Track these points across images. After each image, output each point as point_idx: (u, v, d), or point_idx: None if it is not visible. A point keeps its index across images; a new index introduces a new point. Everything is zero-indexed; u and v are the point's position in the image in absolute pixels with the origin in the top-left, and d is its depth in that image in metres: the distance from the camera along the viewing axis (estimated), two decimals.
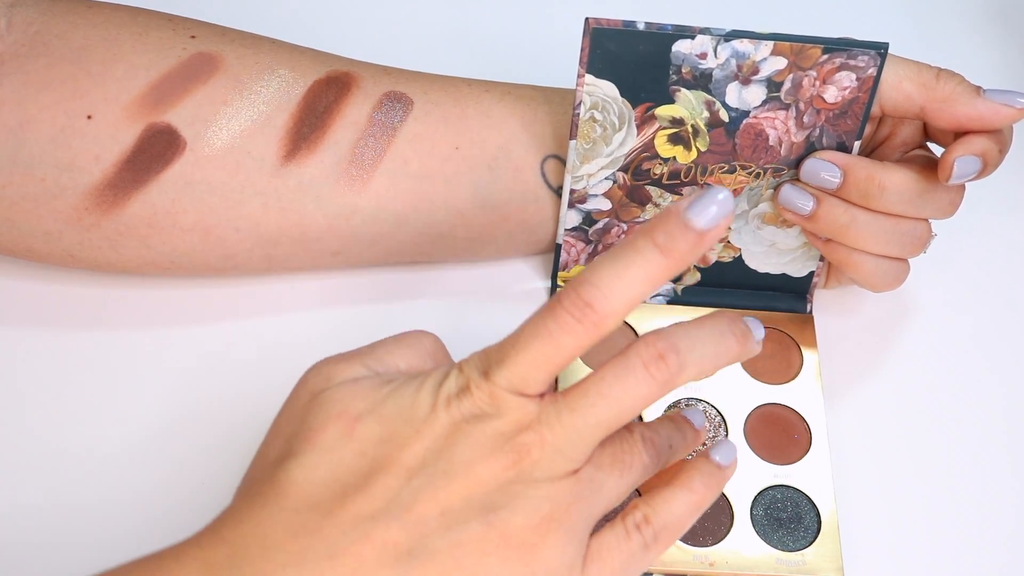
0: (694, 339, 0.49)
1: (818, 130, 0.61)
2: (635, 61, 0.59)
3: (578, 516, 0.48)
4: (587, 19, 0.57)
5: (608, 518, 0.50)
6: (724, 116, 0.60)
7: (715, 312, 0.50)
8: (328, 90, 0.62)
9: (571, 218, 0.64)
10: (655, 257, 0.46)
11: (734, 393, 0.64)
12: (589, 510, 0.49)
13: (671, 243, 0.46)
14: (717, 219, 0.46)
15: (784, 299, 0.67)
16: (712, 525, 0.60)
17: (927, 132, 0.63)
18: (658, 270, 0.46)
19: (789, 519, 0.60)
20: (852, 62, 0.58)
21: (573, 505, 0.47)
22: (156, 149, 0.60)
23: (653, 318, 0.66)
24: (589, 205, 0.64)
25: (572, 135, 0.61)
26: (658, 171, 0.62)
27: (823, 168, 0.61)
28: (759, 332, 0.51)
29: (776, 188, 0.63)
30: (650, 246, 0.46)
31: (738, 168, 0.62)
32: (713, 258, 0.66)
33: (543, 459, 0.47)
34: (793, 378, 0.65)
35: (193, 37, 0.62)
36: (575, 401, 0.47)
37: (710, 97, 0.60)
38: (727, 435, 0.62)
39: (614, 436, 0.50)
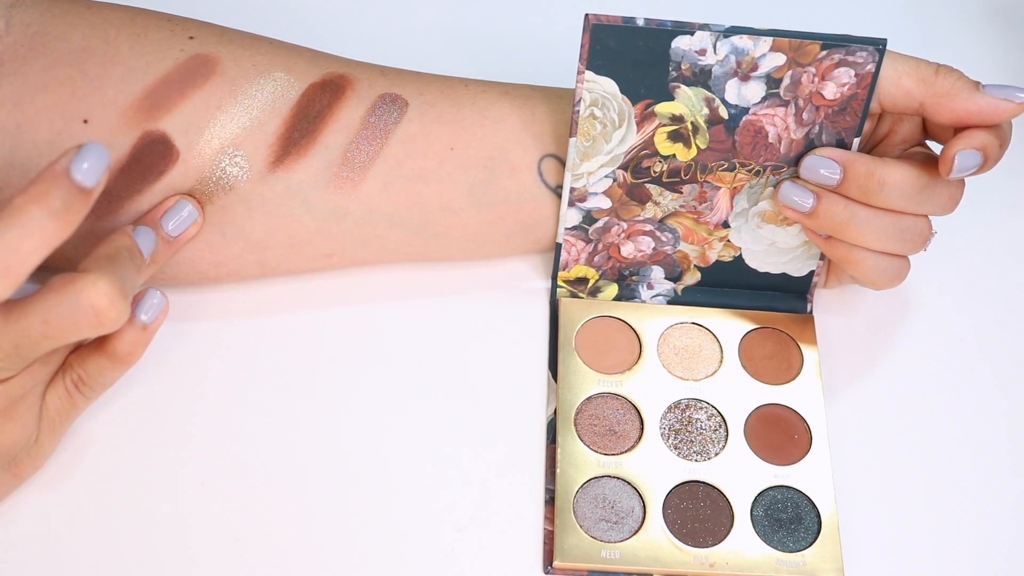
0: (130, 276, 0.53)
1: (817, 127, 0.61)
2: (635, 57, 0.59)
3: (24, 404, 0.54)
4: (587, 15, 0.58)
5: None
6: (723, 113, 0.60)
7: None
8: (322, 94, 0.62)
9: (571, 217, 0.64)
10: (50, 225, 0.48)
11: (734, 393, 0.64)
12: (36, 395, 0.54)
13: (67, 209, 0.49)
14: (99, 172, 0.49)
15: (784, 299, 0.67)
16: (712, 526, 0.60)
17: (926, 130, 0.63)
18: (54, 238, 0.49)
19: (789, 520, 0.60)
20: (851, 58, 0.58)
21: (17, 401, 0.53)
22: (151, 160, 0.60)
23: (653, 317, 0.66)
24: (589, 203, 0.63)
25: (572, 132, 0.61)
26: (658, 169, 0.62)
27: (822, 164, 0.61)
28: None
29: (776, 186, 0.63)
30: (45, 213, 0.48)
31: (738, 166, 0.62)
32: (713, 257, 0.66)
33: None
34: (793, 378, 0.65)
35: (191, 38, 0.62)
36: (20, 339, 0.50)
37: (710, 94, 0.60)
38: (727, 436, 0.62)
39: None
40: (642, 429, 0.62)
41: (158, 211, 0.60)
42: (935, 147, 0.62)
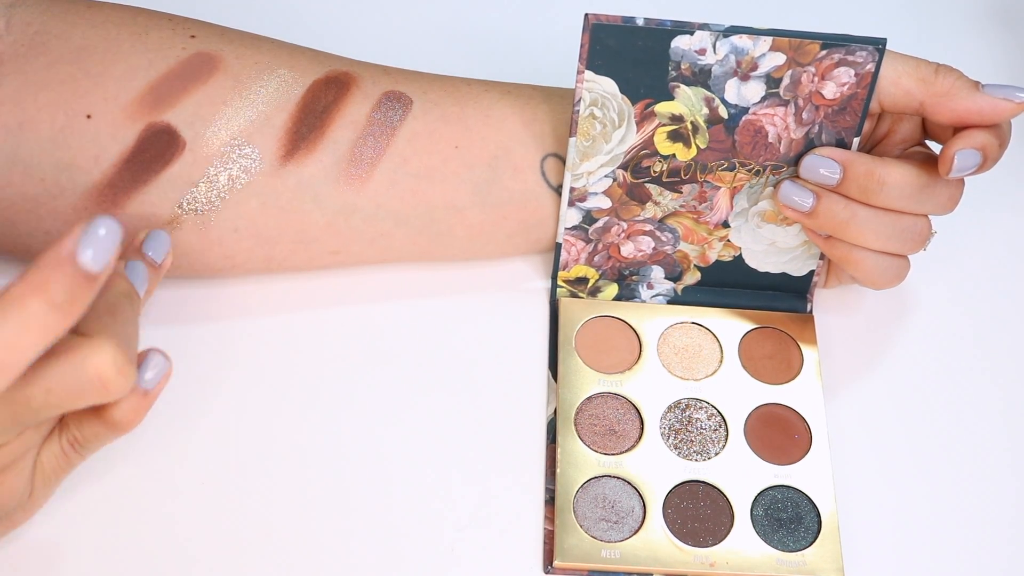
0: (133, 331, 0.50)
1: (817, 127, 0.61)
2: (634, 57, 0.59)
3: (18, 467, 0.52)
4: (587, 15, 0.58)
5: None
6: (723, 113, 0.60)
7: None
8: (327, 90, 0.62)
9: (571, 216, 0.64)
10: (50, 319, 0.44)
11: (734, 393, 0.64)
12: (30, 456, 0.52)
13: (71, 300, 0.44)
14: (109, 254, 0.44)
15: (784, 299, 0.67)
16: (712, 525, 0.60)
17: (926, 129, 0.63)
18: (54, 331, 0.44)
19: (789, 519, 0.60)
20: (850, 58, 0.58)
21: (11, 464, 0.51)
22: (156, 149, 0.60)
23: (653, 317, 0.66)
24: (589, 203, 0.64)
25: (572, 132, 0.61)
26: (658, 168, 0.62)
27: (822, 164, 0.61)
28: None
29: (776, 185, 0.63)
30: (45, 307, 0.44)
31: (738, 165, 0.62)
32: (713, 257, 0.66)
33: None
34: (793, 378, 0.65)
35: (193, 37, 0.62)
36: (21, 408, 0.47)
37: (709, 93, 0.60)
38: (727, 435, 0.62)
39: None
40: (642, 429, 0.62)
41: (135, 242, 0.59)
42: (935, 147, 0.63)
